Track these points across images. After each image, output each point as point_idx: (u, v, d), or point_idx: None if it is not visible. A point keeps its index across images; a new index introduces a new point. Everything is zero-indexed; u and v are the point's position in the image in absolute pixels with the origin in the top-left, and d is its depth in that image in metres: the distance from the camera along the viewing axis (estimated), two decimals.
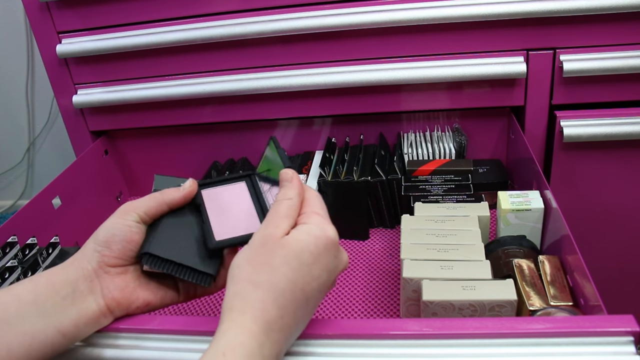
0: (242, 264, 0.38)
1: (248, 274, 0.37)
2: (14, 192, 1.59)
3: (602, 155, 0.73)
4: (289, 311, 0.36)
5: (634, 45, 0.68)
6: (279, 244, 0.38)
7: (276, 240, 0.38)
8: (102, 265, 0.43)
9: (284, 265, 0.37)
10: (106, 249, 0.43)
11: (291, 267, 0.37)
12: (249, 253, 0.38)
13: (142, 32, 0.75)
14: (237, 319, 0.35)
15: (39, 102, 1.42)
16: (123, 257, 0.44)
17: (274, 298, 0.36)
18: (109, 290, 0.43)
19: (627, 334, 0.37)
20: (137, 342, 0.43)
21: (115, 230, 0.44)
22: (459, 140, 0.77)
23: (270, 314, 0.35)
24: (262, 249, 0.38)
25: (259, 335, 0.34)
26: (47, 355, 0.39)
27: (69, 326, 0.40)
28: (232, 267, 0.38)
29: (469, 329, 0.38)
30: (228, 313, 0.35)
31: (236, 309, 0.35)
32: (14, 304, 0.39)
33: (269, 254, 0.37)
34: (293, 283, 0.37)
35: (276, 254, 0.37)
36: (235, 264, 0.38)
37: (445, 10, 0.68)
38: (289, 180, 0.42)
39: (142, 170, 0.91)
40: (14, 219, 0.63)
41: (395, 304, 0.61)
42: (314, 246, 0.38)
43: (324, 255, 0.39)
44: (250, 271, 0.37)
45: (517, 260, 0.53)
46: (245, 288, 0.36)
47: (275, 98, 0.77)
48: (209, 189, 0.49)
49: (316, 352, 0.39)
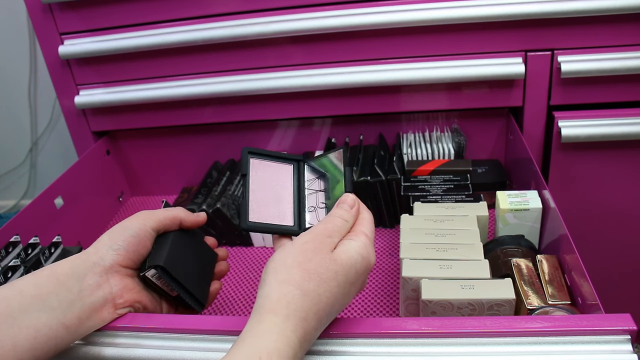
0: (292, 265, 0.37)
1: (298, 280, 0.36)
2: (16, 192, 1.59)
3: (599, 155, 0.73)
4: (322, 323, 0.37)
5: (632, 46, 0.68)
6: (332, 257, 0.38)
7: (328, 251, 0.38)
8: (115, 264, 0.44)
9: (333, 280, 0.37)
10: (123, 249, 0.44)
11: (337, 283, 0.37)
12: (299, 257, 0.37)
13: (143, 34, 0.75)
14: (280, 325, 0.34)
15: (41, 103, 1.43)
16: (135, 259, 0.45)
17: (316, 310, 0.36)
18: (119, 288, 0.44)
19: (624, 333, 0.37)
20: (136, 341, 0.43)
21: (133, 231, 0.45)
22: (457, 141, 0.77)
23: (309, 326, 0.36)
24: (314, 256, 0.37)
25: (296, 345, 0.34)
26: (50, 349, 0.40)
27: (72, 319, 0.41)
28: (276, 262, 0.38)
29: (468, 327, 0.39)
30: (270, 315, 0.35)
31: (281, 313, 0.35)
32: (17, 298, 0.39)
33: (320, 264, 0.37)
34: (334, 298, 0.37)
35: (328, 267, 0.37)
36: (282, 261, 0.38)
37: (444, 12, 0.68)
38: (351, 207, 0.43)
39: (144, 170, 0.91)
40: (16, 218, 0.64)
41: (395, 303, 0.62)
42: (360, 266, 0.39)
43: (363, 277, 0.40)
44: (300, 277, 0.36)
45: (515, 260, 0.53)
46: (294, 294, 0.35)
47: (275, 99, 0.78)
48: (258, 160, 0.48)
49: (316, 351, 0.40)
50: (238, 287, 0.68)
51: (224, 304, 0.65)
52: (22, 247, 0.62)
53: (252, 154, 0.48)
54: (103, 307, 0.43)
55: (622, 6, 0.65)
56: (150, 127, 0.85)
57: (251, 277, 0.69)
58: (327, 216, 0.42)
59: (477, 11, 0.67)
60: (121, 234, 0.45)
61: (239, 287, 0.68)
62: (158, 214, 0.47)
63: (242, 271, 0.71)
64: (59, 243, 0.65)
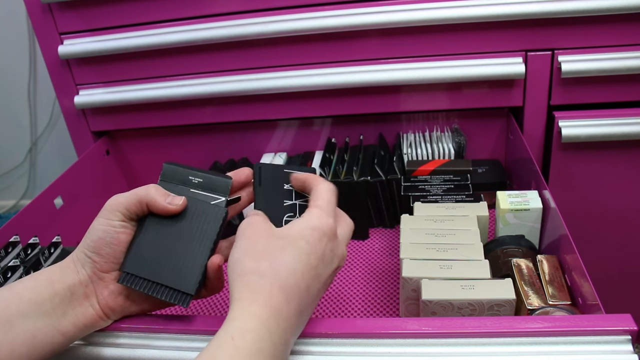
0: (242, 258, 0.38)
1: (251, 266, 0.37)
2: (16, 192, 1.59)
3: (600, 155, 0.73)
4: (294, 297, 0.37)
5: (632, 46, 0.68)
6: (275, 235, 0.39)
7: (269, 230, 0.39)
8: (95, 271, 0.42)
9: (283, 253, 0.38)
10: (96, 255, 0.42)
11: (288, 255, 0.38)
12: (246, 247, 0.38)
13: (143, 33, 0.75)
14: (247, 307, 0.35)
15: (40, 103, 1.43)
16: (114, 261, 0.43)
17: (279, 285, 0.36)
18: (103, 297, 0.43)
19: (625, 333, 0.37)
20: (137, 341, 0.43)
21: (100, 233, 0.42)
22: (458, 141, 0.77)
23: (277, 301, 0.36)
24: (257, 239, 0.39)
25: (268, 321, 0.35)
26: (48, 353, 0.40)
27: (67, 326, 0.41)
28: (231, 263, 0.39)
29: (468, 328, 0.39)
30: (237, 303, 0.36)
31: (245, 298, 0.36)
32: (14, 302, 0.39)
33: (266, 243, 0.38)
34: (293, 270, 0.37)
35: (273, 243, 0.38)
36: (235, 259, 0.38)
37: (444, 12, 0.68)
38: None
39: (144, 170, 0.91)
40: (16, 218, 0.64)
41: (395, 304, 0.62)
42: (310, 236, 0.39)
43: (319, 244, 0.39)
44: (252, 262, 0.37)
45: (515, 260, 0.53)
46: (251, 279, 0.36)
47: (275, 98, 0.78)
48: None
49: (316, 351, 0.40)
50: None
51: (224, 303, 0.65)
52: (22, 247, 0.62)
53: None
54: (95, 316, 0.42)
55: (622, 6, 0.65)
56: (150, 127, 0.85)
57: None
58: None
59: (477, 11, 0.67)
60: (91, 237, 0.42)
61: None
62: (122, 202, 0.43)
63: None
64: (58, 243, 0.65)
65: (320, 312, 0.62)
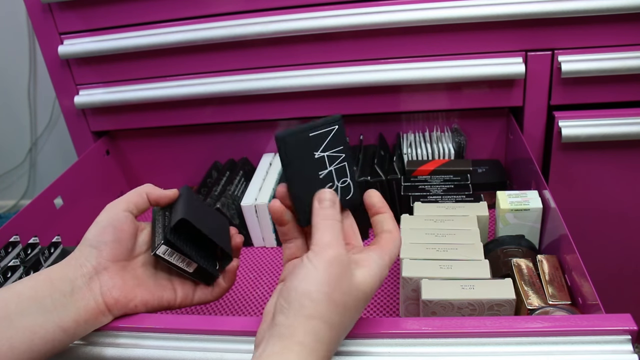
0: (319, 300, 0.35)
1: (325, 313, 0.35)
2: (16, 192, 1.59)
3: (600, 155, 0.73)
4: (339, 344, 0.38)
5: (632, 46, 0.68)
6: (356, 286, 0.37)
7: (351, 276, 0.37)
8: (100, 261, 0.43)
9: (354, 308, 0.37)
10: (101, 243, 0.44)
11: (358, 310, 0.38)
12: (325, 287, 0.35)
13: (143, 34, 0.75)
14: (307, 357, 0.34)
15: (40, 103, 1.43)
16: (119, 248, 0.44)
17: (339, 338, 0.37)
18: (107, 288, 0.43)
19: (625, 333, 0.37)
20: (137, 341, 0.43)
21: (105, 222, 0.44)
22: (458, 141, 0.77)
23: (331, 351, 0.36)
24: (338, 284, 0.35)
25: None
26: (48, 351, 0.40)
27: (68, 322, 0.41)
28: (301, 293, 0.35)
29: (468, 328, 0.39)
30: (300, 347, 0.34)
31: (308, 346, 0.34)
32: (13, 300, 0.39)
33: (345, 292, 0.36)
34: (353, 322, 0.38)
35: (351, 294, 0.36)
36: (307, 293, 0.35)
37: (444, 12, 0.68)
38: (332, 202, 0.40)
39: (144, 170, 0.91)
40: (16, 218, 0.64)
41: (395, 303, 0.62)
42: (374, 289, 0.38)
43: (369, 299, 0.39)
44: (327, 310, 0.35)
45: (515, 260, 0.53)
46: (322, 328, 0.35)
47: (275, 98, 0.78)
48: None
49: None
50: (238, 287, 0.68)
51: (224, 304, 0.65)
52: (22, 247, 0.62)
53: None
54: (97, 310, 0.42)
55: (622, 6, 0.65)
56: (150, 127, 0.85)
57: (251, 277, 0.69)
58: (321, 213, 0.39)
59: (477, 11, 0.67)
60: (95, 229, 0.44)
61: (238, 287, 0.68)
62: (124, 196, 0.46)
63: (242, 271, 0.71)
64: (58, 243, 0.65)
65: None
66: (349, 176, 0.42)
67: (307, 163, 0.40)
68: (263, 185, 0.75)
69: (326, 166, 0.41)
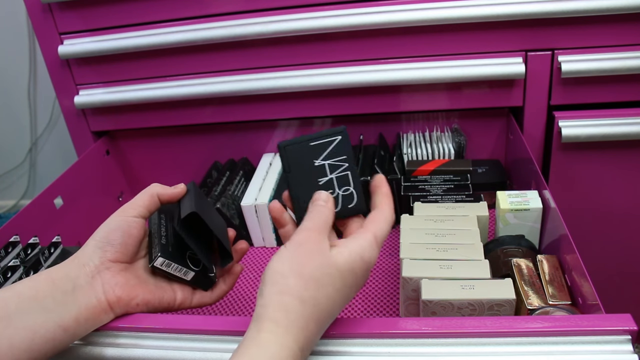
0: (288, 273, 0.36)
1: (296, 289, 0.35)
2: (16, 192, 1.59)
3: (600, 155, 0.73)
4: (322, 328, 0.37)
5: (632, 46, 0.68)
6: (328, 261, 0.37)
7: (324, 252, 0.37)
8: (104, 261, 0.44)
9: (330, 285, 0.36)
10: (108, 244, 0.44)
11: (335, 288, 0.37)
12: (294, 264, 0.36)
13: (143, 34, 0.75)
14: (282, 336, 0.34)
15: (40, 103, 1.43)
16: (124, 252, 0.45)
17: (317, 317, 0.36)
18: (110, 285, 0.43)
19: (625, 333, 0.37)
20: (137, 341, 0.43)
21: (114, 225, 0.45)
22: (458, 141, 0.77)
23: (310, 332, 0.36)
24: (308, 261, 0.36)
25: (297, 354, 0.34)
26: (49, 350, 0.40)
27: (69, 320, 0.41)
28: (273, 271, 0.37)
29: (468, 328, 0.39)
30: (272, 325, 0.34)
31: (281, 324, 0.34)
32: (14, 299, 0.40)
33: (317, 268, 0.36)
34: (332, 303, 0.37)
35: (324, 271, 0.36)
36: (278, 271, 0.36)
37: (444, 12, 0.68)
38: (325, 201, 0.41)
39: (144, 170, 0.91)
40: (16, 218, 0.64)
41: (395, 303, 0.62)
42: (359, 269, 0.38)
43: (361, 278, 0.39)
44: (297, 286, 0.35)
45: (515, 260, 0.53)
46: (293, 303, 0.35)
47: (275, 98, 0.78)
48: None
49: (315, 351, 0.40)
50: (238, 287, 0.68)
51: (224, 304, 0.65)
52: (22, 247, 0.62)
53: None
54: (98, 308, 0.43)
55: (622, 6, 0.65)
56: (150, 127, 0.85)
57: (251, 277, 0.69)
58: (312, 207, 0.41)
59: (477, 11, 0.67)
60: (103, 230, 0.45)
61: (238, 287, 0.68)
62: (133, 200, 0.47)
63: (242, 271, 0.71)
64: (58, 243, 0.65)
65: None
66: (352, 185, 0.44)
67: (307, 170, 0.43)
68: (263, 185, 0.75)
69: (326, 174, 0.44)
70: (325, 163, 0.44)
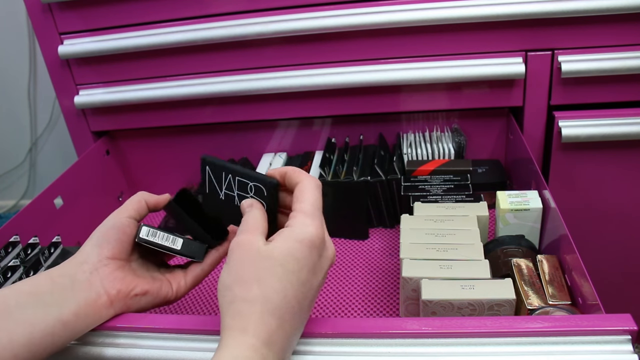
0: (231, 284, 0.37)
1: (240, 293, 0.36)
2: (16, 192, 1.59)
3: (600, 155, 0.73)
4: (286, 319, 0.37)
5: (632, 46, 0.68)
6: (260, 256, 0.37)
7: (255, 251, 0.38)
8: (101, 258, 0.45)
9: (271, 277, 0.36)
10: (104, 242, 0.45)
11: (278, 278, 0.36)
12: (232, 272, 0.38)
13: (143, 34, 0.75)
14: (239, 337, 0.35)
15: (40, 103, 1.43)
16: (120, 249, 0.46)
17: (270, 311, 0.36)
18: (109, 280, 0.44)
19: (625, 333, 0.37)
20: (136, 341, 0.43)
21: (109, 224, 0.47)
22: (458, 141, 0.77)
23: (269, 326, 0.36)
24: (243, 264, 0.37)
25: (261, 348, 0.35)
26: (48, 345, 0.40)
27: (68, 315, 0.41)
28: (220, 286, 0.38)
29: (468, 328, 0.39)
30: (228, 332, 0.35)
31: (237, 327, 0.35)
32: (13, 296, 0.40)
33: (251, 267, 0.37)
34: (284, 292, 0.36)
35: (261, 266, 0.37)
36: (224, 285, 0.38)
37: (444, 12, 0.68)
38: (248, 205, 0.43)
39: (144, 170, 0.91)
40: (16, 218, 0.64)
41: (395, 303, 0.62)
42: (298, 251, 0.37)
43: (309, 258, 0.38)
44: (240, 290, 0.36)
45: (515, 260, 0.53)
46: (242, 307, 0.36)
47: (275, 98, 0.78)
48: None
49: (316, 351, 0.40)
50: None
51: None
52: (22, 247, 0.62)
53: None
54: (98, 302, 0.43)
55: (622, 6, 0.65)
56: (150, 127, 0.85)
57: None
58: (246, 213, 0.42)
59: (477, 11, 0.67)
60: (99, 231, 0.47)
61: None
62: (123, 205, 0.49)
63: None
64: (58, 243, 0.65)
65: (320, 312, 0.62)
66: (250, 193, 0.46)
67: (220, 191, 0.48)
68: None
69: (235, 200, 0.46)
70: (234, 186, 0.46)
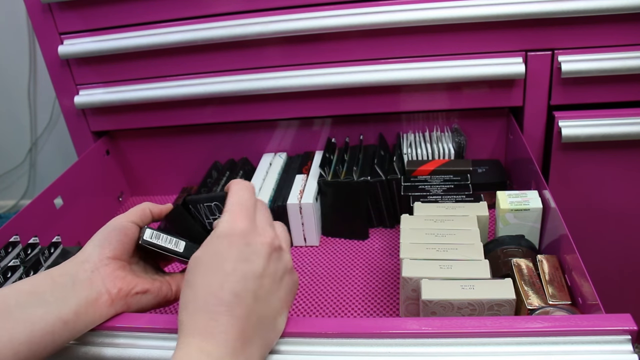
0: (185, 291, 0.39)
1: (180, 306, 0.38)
2: (16, 192, 1.59)
3: (600, 155, 0.73)
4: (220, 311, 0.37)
5: (632, 46, 0.68)
6: (193, 262, 0.39)
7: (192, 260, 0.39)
8: (102, 258, 0.45)
9: (197, 277, 0.38)
10: (106, 242, 0.46)
11: (202, 275, 0.38)
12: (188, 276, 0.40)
13: (143, 34, 0.75)
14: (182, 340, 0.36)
15: (40, 103, 1.43)
16: (122, 250, 0.46)
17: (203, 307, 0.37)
18: (110, 279, 0.44)
19: (625, 333, 0.37)
20: (136, 341, 0.43)
21: (110, 226, 0.47)
22: (458, 141, 0.77)
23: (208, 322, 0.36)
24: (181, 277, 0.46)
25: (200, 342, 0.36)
26: (48, 344, 0.40)
27: (69, 313, 0.41)
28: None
29: (468, 328, 0.39)
30: (178, 341, 0.37)
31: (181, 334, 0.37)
32: (13, 295, 0.40)
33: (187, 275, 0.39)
34: (208, 288, 0.37)
35: (191, 272, 0.39)
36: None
37: (444, 12, 0.68)
38: None
39: (144, 170, 0.91)
40: (16, 218, 0.64)
41: (395, 303, 0.62)
42: (216, 245, 0.39)
43: (231, 248, 0.38)
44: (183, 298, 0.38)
45: (515, 260, 0.53)
46: (180, 315, 0.38)
47: (275, 98, 0.78)
48: None
49: (315, 351, 0.40)
50: None
51: None
52: (22, 247, 0.62)
53: None
54: (99, 300, 0.43)
55: (622, 6, 0.65)
56: (150, 127, 0.85)
57: None
58: None
59: (477, 11, 0.67)
60: (101, 232, 0.47)
61: None
62: (129, 211, 0.50)
63: None
64: (58, 243, 0.65)
65: (320, 312, 0.62)
66: None
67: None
68: (263, 185, 0.75)
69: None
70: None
